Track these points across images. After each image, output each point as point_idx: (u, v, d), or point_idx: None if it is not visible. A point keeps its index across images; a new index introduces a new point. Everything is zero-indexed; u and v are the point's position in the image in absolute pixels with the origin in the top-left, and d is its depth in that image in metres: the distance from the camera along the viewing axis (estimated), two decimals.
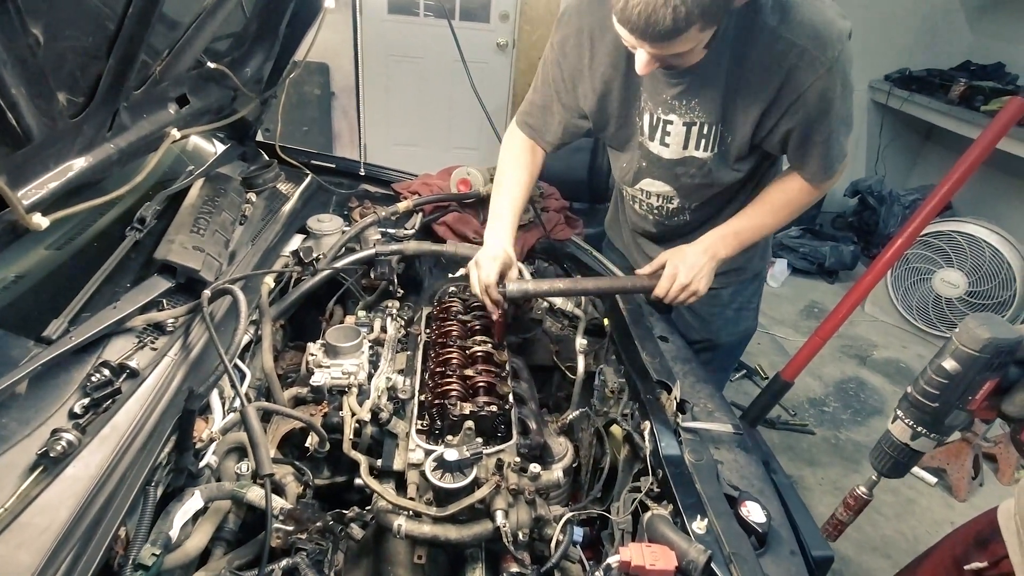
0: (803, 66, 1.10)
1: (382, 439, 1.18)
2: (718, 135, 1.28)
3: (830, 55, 1.10)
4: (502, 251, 1.34)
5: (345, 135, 4.46)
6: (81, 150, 0.93)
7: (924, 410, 0.80)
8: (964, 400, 0.77)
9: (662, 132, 1.32)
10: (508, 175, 1.48)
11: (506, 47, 4.26)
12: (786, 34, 1.08)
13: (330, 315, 1.58)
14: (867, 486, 0.92)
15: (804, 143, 1.25)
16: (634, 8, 0.91)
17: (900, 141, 4.77)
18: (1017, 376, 0.77)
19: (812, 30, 1.08)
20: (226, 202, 1.46)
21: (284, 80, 1.79)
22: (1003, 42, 4.27)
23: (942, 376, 0.77)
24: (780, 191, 1.36)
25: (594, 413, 1.39)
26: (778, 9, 1.08)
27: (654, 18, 0.91)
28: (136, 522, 0.86)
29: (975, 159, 1.87)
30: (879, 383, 3.38)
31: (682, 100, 1.24)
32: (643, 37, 0.97)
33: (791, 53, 1.09)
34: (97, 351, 1.01)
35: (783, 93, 1.15)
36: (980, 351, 0.73)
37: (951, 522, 2.45)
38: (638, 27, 0.94)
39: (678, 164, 1.37)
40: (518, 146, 1.50)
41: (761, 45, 1.10)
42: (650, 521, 0.97)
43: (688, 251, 1.35)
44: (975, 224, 3.40)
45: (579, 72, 1.30)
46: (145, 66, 1.01)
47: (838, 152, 1.27)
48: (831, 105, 1.16)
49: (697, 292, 1.33)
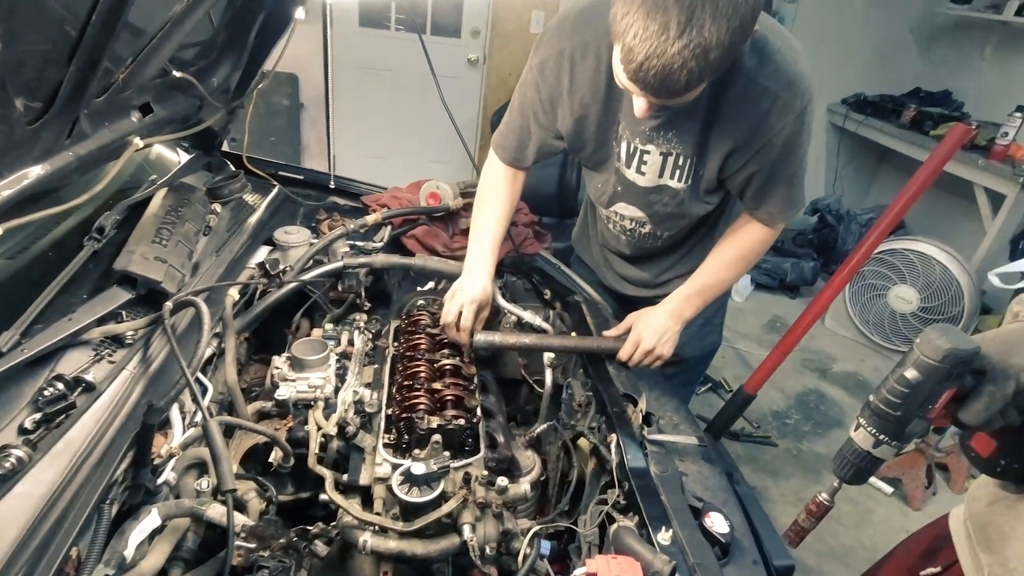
0: (776, 112, 1.14)
1: (348, 453, 1.16)
2: (692, 167, 1.30)
3: (800, 104, 1.14)
4: (480, 290, 1.35)
5: (314, 146, 4.42)
6: (38, 157, 0.90)
7: (886, 418, 0.81)
8: (924, 409, 0.79)
9: (639, 160, 1.34)
10: (487, 209, 1.48)
11: (477, 62, 4.30)
12: (762, 80, 1.12)
13: (296, 328, 1.56)
14: (829, 493, 0.94)
15: (767, 184, 1.28)
16: (650, 71, 0.92)
17: (856, 162, 4.97)
18: (972, 385, 0.79)
19: (786, 78, 1.12)
20: (190, 212, 1.43)
21: (252, 90, 1.77)
22: (950, 70, 4.51)
23: (903, 385, 0.78)
24: (735, 245, 1.39)
25: (561, 426, 1.40)
26: (756, 54, 1.11)
27: (668, 81, 0.92)
28: (89, 542, 0.83)
29: (923, 181, 1.96)
30: (839, 396, 3.48)
31: (660, 132, 1.26)
32: (655, 96, 0.99)
33: (765, 98, 1.13)
34: (51, 364, 0.97)
35: (754, 136, 1.18)
36: (940, 361, 0.75)
37: (907, 530, 2.53)
38: (651, 87, 0.96)
39: (652, 192, 1.39)
40: (497, 175, 1.49)
41: (738, 86, 1.13)
42: (616, 533, 0.98)
43: (654, 315, 1.38)
44: (926, 243, 3.55)
45: (558, 94, 1.30)
46: (108, 73, 0.99)
47: (798, 195, 1.31)
48: (796, 150, 1.22)
49: (661, 356, 1.37)
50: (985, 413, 0.78)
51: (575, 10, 1.27)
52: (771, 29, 1.14)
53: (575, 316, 1.60)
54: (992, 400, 0.78)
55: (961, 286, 3.41)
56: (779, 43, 1.13)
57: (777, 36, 1.14)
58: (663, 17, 0.87)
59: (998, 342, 0.80)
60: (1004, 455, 0.89)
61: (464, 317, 1.32)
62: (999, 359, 0.78)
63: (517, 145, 1.44)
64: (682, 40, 0.87)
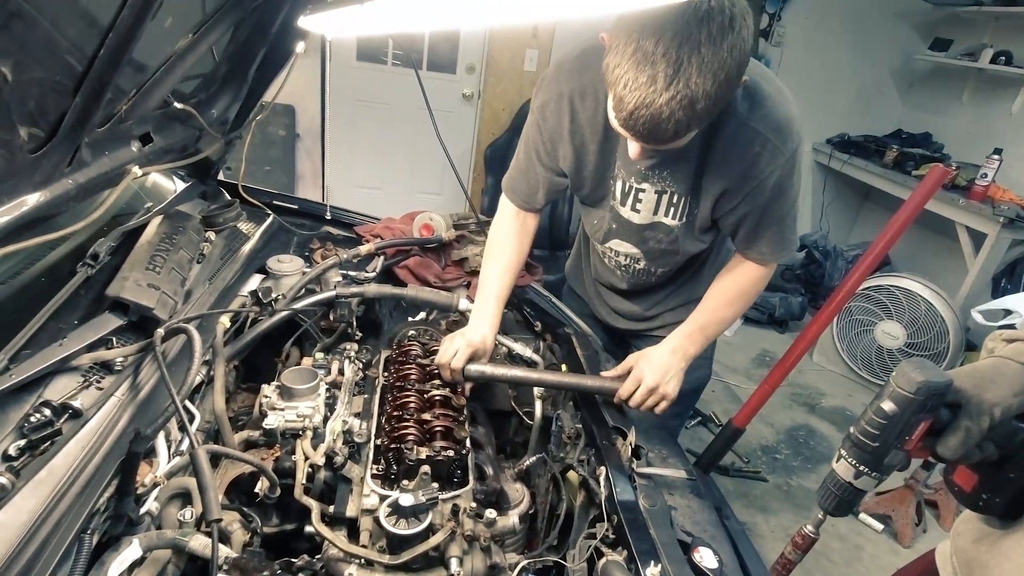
0: (766, 155, 1.17)
1: (335, 485, 1.15)
2: (687, 206, 1.33)
3: (790, 147, 1.17)
4: (480, 339, 1.36)
5: (308, 176, 4.46)
6: (38, 185, 0.92)
7: (865, 449, 0.83)
8: (901, 440, 0.81)
9: (633, 199, 1.36)
10: (496, 258, 1.48)
11: (471, 97, 4.39)
12: (753, 123, 1.15)
13: (286, 356, 1.55)
14: (814, 525, 0.95)
15: (757, 226, 1.30)
16: (639, 120, 0.96)
17: (841, 199, 5.08)
18: (948, 418, 0.81)
19: (776, 123, 1.15)
20: (184, 240, 1.44)
21: (251, 122, 1.80)
22: (930, 113, 4.66)
23: (881, 417, 0.80)
24: (732, 283, 1.39)
25: (551, 459, 1.39)
26: (747, 98, 1.15)
27: (657, 130, 0.97)
28: (68, 572, 0.81)
29: (904, 220, 2.01)
30: (827, 431, 3.48)
31: (655, 171, 1.29)
32: (645, 142, 1.04)
33: (756, 141, 1.16)
34: (38, 390, 0.97)
35: (745, 178, 1.21)
36: (914, 393, 0.78)
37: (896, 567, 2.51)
38: (641, 135, 1.00)
39: (647, 228, 1.41)
40: (508, 222, 1.51)
41: (730, 130, 1.16)
42: (604, 567, 0.97)
43: (655, 352, 1.34)
44: (910, 279, 3.61)
45: (559, 135, 1.33)
46: (111, 104, 1.02)
47: (789, 236, 1.33)
48: (786, 192, 1.24)
49: (666, 396, 1.30)
50: (961, 448, 0.80)
51: (573, 54, 1.30)
52: (762, 75, 1.18)
53: (565, 348, 1.61)
54: (968, 435, 0.80)
55: (946, 322, 3.46)
56: (769, 88, 1.16)
57: (767, 82, 1.18)
58: (651, 69, 0.91)
59: (973, 377, 0.83)
60: (985, 490, 0.90)
61: (456, 358, 1.32)
62: (974, 394, 0.81)
63: (527, 188, 1.46)
64: (669, 92, 0.91)
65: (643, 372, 1.30)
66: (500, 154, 4.21)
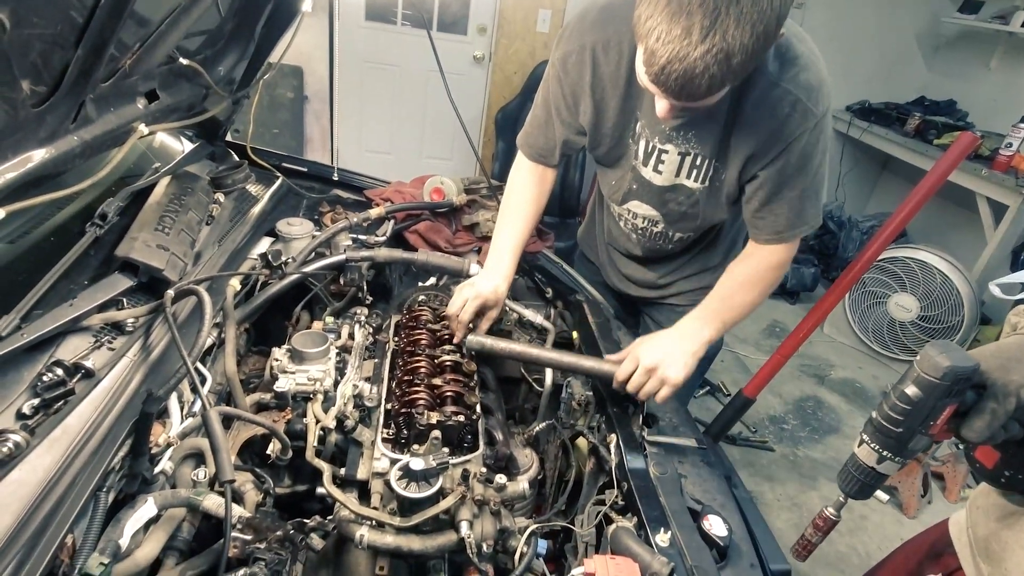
0: (796, 116, 1.11)
1: (346, 447, 1.16)
2: (711, 168, 1.28)
3: (820, 110, 1.12)
4: (491, 289, 1.33)
5: (317, 139, 4.41)
6: (42, 141, 0.90)
7: (888, 435, 0.81)
8: (926, 425, 0.79)
9: (656, 160, 1.32)
10: (512, 211, 1.45)
11: (482, 60, 4.29)
12: (784, 83, 1.10)
13: (296, 320, 1.55)
14: (835, 508, 0.95)
15: (777, 195, 1.22)
16: (671, 75, 0.91)
17: (859, 169, 4.97)
18: (973, 400, 0.79)
19: (808, 84, 1.10)
20: (193, 201, 1.42)
21: (258, 81, 1.76)
22: (955, 80, 4.51)
23: (904, 402, 0.78)
24: (747, 265, 1.32)
25: (560, 425, 1.39)
26: (779, 57, 1.10)
27: (690, 85, 0.92)
28: (84, 529, 0.82)
29: (929, 188, 1.95)
30: (836, 402, 3.48)
31: (680, 132, 1.24)
32: (676, 99, 0.98)
33: (785, 101, 1.11)
34: (50, 350, 0.97)
35: (772, 140, 1.15)
36: (940, 379, 0.75)
37: (901, 537, 2.53)
38: (672, 91, 0.95)
39: (668, 191, 1.37)
40: (524, 176, 1.47)
41: (759, 89, 1.11)
42: (614, 533, 0.97)
43: (659, 335, 1.26)
44: (927, 252, 3.55)
45: (580, 89, 1.28)
46: (114, 59, 0.99)
47: (809, 210, 1.24)
48: (810, 159, 1.17)
49: (666, 380, 1.17)
50: (987, 430, 0.78)
51: (598, 5, 1.25)
52: (796, 34, 1.12)
53: (576, 315, 1.59)
54: (994, 417, 0.78)
55: (961, 295, 3.42)
56: (802, 48, 1.11)
57: (801, 41, 1.12)
58: (687, 21, 0.86)
59: (998, 357, 0.80)
60: (1008, 467, 0.89)
61: (464, 310, 1.30)
62: (999, 375, 0.78)
63: (543, 142, 1.42)
64: (705, 44, 0.86)
65: (640, 352, 1.20)
66: (512, 119, 4.13)
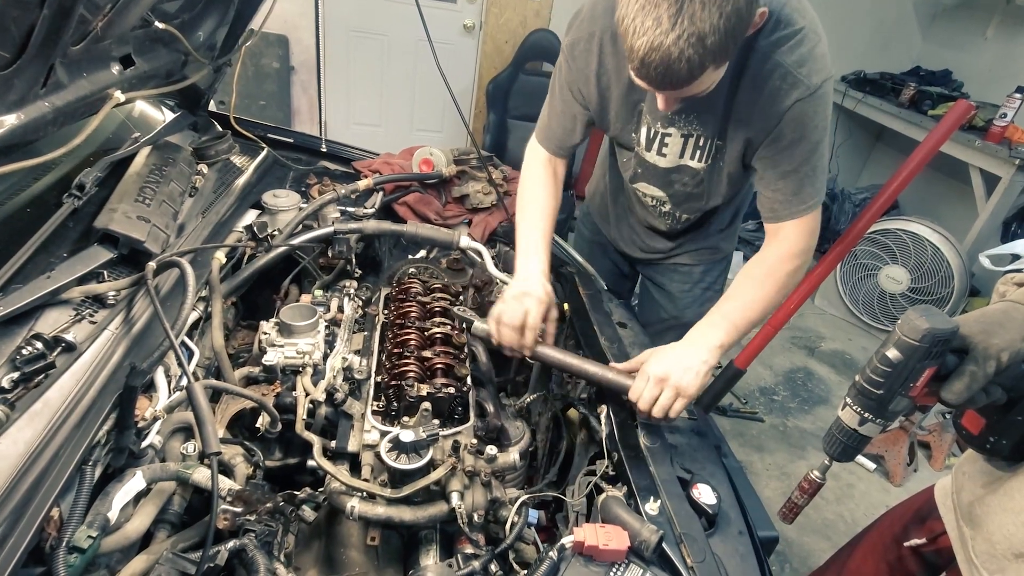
0: (786, 87, 1.12)
1: (336, 420, 1.15)
2: (714, 148, 1.29)
3: (814, 81, 1.11)
4: (546, 293, 1.26)
5: (304, 111, 4.32)
6: (12, 105, 0.86)
7: (870, 397, 0.83)
8: (906, 387, 0.81)
9: (659, 143, 1.33)
10: (533, 207, 1.42)
11: (473, 29, 4.19)
12: (776, 56, 1.11)
13: (285, 294, 1.53)
14: (820, 470, 0.97)
15: (774, 172, 1.21)
16: (651, 66, 0.95)
17: (852, 141, 4.93)
18: (954, 364, 0.81)
19: (800, 57, 1.11)
20: (175, 172, 1.39)
21: (239, 48, 1.71)
22: (951, 50, 4.46)
23: (885, 364, 0.80)
24: (756, 262, 1.28)
25: (551, 397, 1.40)
26: (773, 31, 1.11)
27: (670, 72, 0.94)
28: (71, 503, 0.82)
29: (923, 158, 1.93)
30: (825, 373, 3.51)
31: (682, 115, 1.26)
32: (662, 88, 1.01)
33: (776, 74, 1.11)
34: (29, 323, 0.95)
35: (766, 114, 1.16)
36: (920, 340, 0.77)
37: (887, 505, 2.58)
38: (656, 81, 0.98)
39: (673, 171, 1.38)
40: (539, 170, 1.45)
41: (753, 65, 1.13)
42: (604, 502, 0.98)
43: (669, 346, 1.21)
44: (919, 223, 3.55)
45: (585, 76, 1.30)
46: (84, 21, 0.94)
47: (808, 189, 1.20)
48: (807, 134, 1.15)
49: (681, 391, 1.12)
50: (966, 392, 0.80)
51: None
52: (797, 8, 1.12)
53: (568, 287, 1.59)
54: (973, 379, 0.79)
55: (952, 267, 3.43)
56: (801, 22, 1.11)
57: (800, 14, 1.11)
58: (655, 12, 0.90)
59: (981, 322, 0.81)
60: (992, 432, 0.90)
61: (532, 316, 1.20)
62: (981, 339, 0.79)
63: (562, 133, 1.41)
64: (676, 31, 0.90)
65: (650, 367, 1.14)
66: (503, 90, 4.06)
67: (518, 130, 4.12)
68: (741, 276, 1.28)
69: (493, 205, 1.85)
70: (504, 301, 1.25)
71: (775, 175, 1.21)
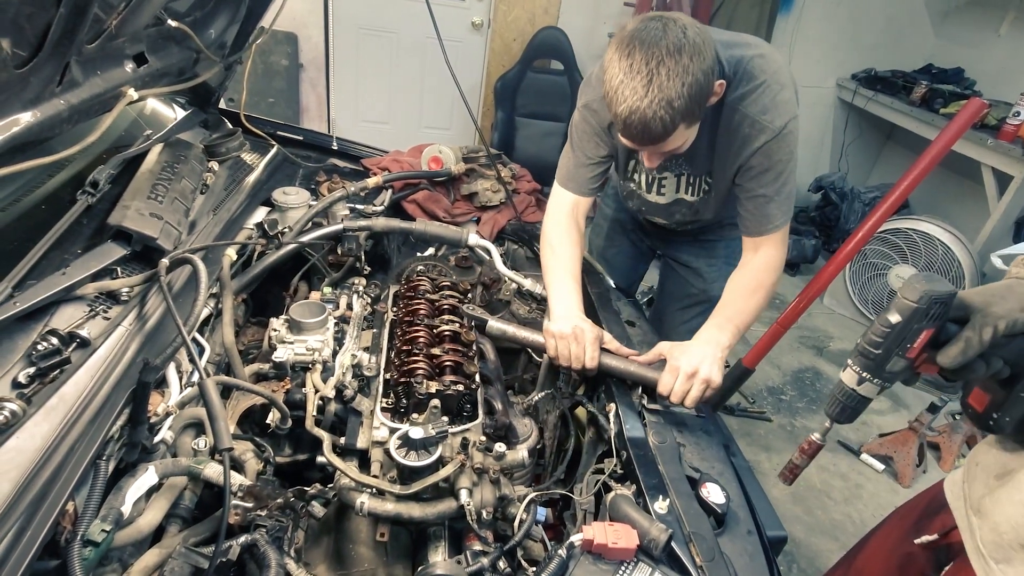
0: (754, 133, 1.30)
1: (346, 417, 1.16)
2: (704, 183, 1.51)
3: (777, 124, 1.28)
4: (594, 328, 1.30)
5: (313, 109, 4.33)
6: (27, 104, 0.87)
7: (869, 357, 0.87)
8: (904, 348, 0.84)
9: (658, 186, 1.59)
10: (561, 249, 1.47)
11: (481, 26, 4.19)
12: (743, 108, 1.29)
13: (294, 291, 1.54)
14: (820, 432, 1.00)
15: (746, 199, 1.38)
16: (631, 126, 1.14)
17: (863, 139, 4.90)
18: (953, 333, 0.84)
19: (763, 107, 1.28)
20: (186, 169, 1.40)
21: (250, 46, 1.72)
22: (964, 47, 4.41)
23: (885, 325, 0.84)
24: (743, 275, 1.43)
25: (560, 395, 1.40)
26: (740, 86, 1.28)
27: (647, 130, 1.13)
28: (85, 497, 0.83)
29: (934, 156, 1.91)
30: (834, 373, 3.49)
31: (673, 161, 1.48)
32: (643, 144, 1.20)
33: (744, 123, 1.30)
34: (44, 319, 0.96)
35: (740, 154, 1.33)
36: (917, 301, 0.80)
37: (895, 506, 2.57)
38: (636, 138, 1.17)
39: (672, 205, 1.61)
40: (563, 214, 1.52)
41: (725, 118, 1.32)
42: (613, 501, 0.98)
43: (686, 343, 1.30)
44: (929, 223, 3.52)
45: (605, 127, 1.45)
46: (99, 19, 0.95)
47: (773, 211, 1.36)
48: (772, 167, 1.32)
49: (709, 380, 1.22)
50: (961, 357, 0.81)
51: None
52: (762, 55, 1.29)
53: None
54: (968, 345, 0.81)
55: (963, 267, 3.40)
56: (762, 76, 1.28)
57: (761, 69, 1.28)
58: (631, 83, 1.10)
59: (983, 294, 0.84)
60: (995, 409, 0.92)
61: (590, 356, 1.26)
62: (980, 307, 0.82)
63: (588, 176, 1.52)
64: (648, 97, 1.09)
65: (678, 360, 1.24)
66: (511, 87, 4.05)
67: (526, 128, 4.12)
68: (733, 286, 1.43)
69: (502, 203, 1.85)
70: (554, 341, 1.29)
71: (745, 198, 1.39)
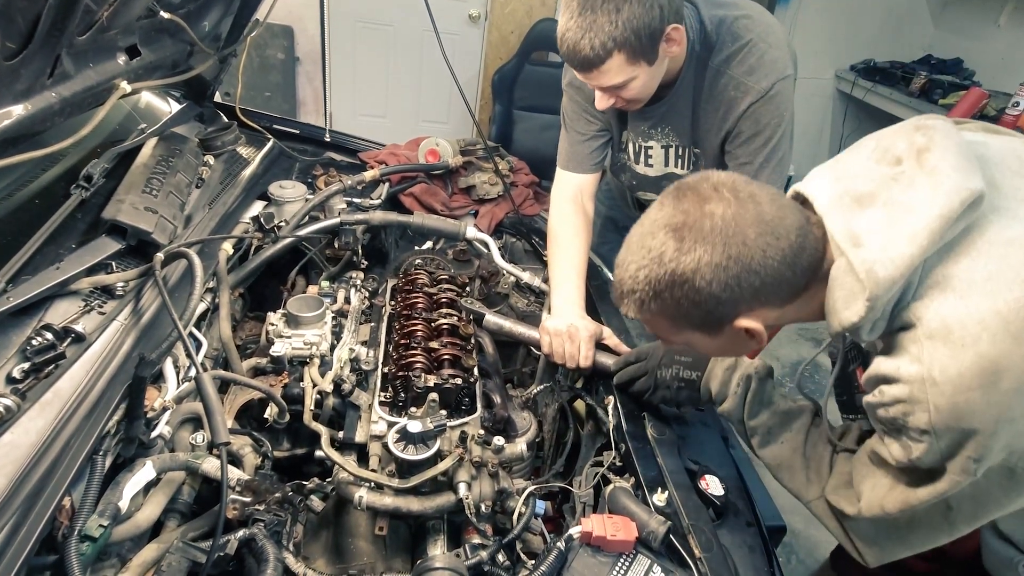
0: (739, 95, 1.25)
1: (344, 411, 1.15)
2: (691, 155, 1.45)
3: (763, 85, 1.23)
4: (594, 326, 1.30)
5: (310, 103, 4.31)
6: (18, 96, 0.86)
7: None
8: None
9: (644, 156, 1.52)
10: (565, 246, 1.44)
11: (478, 19, 4.16)
12: (728, 70, 1.25)
13: (292, 285, 1.53)
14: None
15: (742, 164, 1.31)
16: (564, 43, 1.14)
17: (862, 130, 4.86)
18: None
19: (749, 67, 1.24)
20: (181, 163, 1.39)
21: (244, 38, 1.70)
22: (963, 37, 4.39)
23: None
24: None
25: (558, 388, 1.39)
26: (724, 48, 1.24)
27: (576, 49, 1.12)
28: (82, 492, 0.82)
29: None
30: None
31: (657, 128, 1.43)
32: (574, 66, 1.18)
33: (730, 86, 1.26)
34: (38, 314, 0.95)
35: (725, 120, 1.29)
36: None
37: None
38: (567, 57, 1.16)
39: (663, 179, 1.55)
40: (567, 207, 1.49)
41: (708, 81, 1.28)
42: (612, 494, 0.98)
43: None
44: None
45: (590, 103, 1.41)
46: (90, 11, 0.94)
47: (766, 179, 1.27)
48: (761, 130, 1.26)
49: None
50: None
51: None
52: (748, 15, 1.25)
53: None
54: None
55: None
56: (747, 35, 1.23)
57: (747, 28, 1.23)
58: (569, 10, 1.11)
59: None
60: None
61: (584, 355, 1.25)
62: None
63: (587, 152, 1.50)
64: (582, 17, 1.09)
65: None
66: (509, 80, 4.02)
67: (524, 120, 4.09)
68: None
69: (499, 196, 1.84)
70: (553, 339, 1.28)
71: (734, 167, 1.32)
